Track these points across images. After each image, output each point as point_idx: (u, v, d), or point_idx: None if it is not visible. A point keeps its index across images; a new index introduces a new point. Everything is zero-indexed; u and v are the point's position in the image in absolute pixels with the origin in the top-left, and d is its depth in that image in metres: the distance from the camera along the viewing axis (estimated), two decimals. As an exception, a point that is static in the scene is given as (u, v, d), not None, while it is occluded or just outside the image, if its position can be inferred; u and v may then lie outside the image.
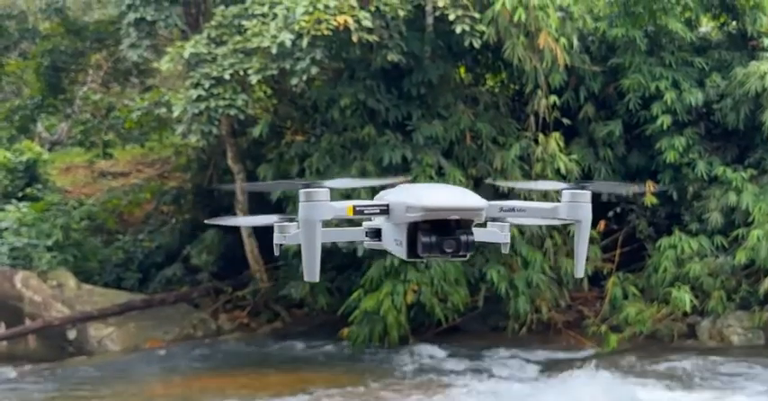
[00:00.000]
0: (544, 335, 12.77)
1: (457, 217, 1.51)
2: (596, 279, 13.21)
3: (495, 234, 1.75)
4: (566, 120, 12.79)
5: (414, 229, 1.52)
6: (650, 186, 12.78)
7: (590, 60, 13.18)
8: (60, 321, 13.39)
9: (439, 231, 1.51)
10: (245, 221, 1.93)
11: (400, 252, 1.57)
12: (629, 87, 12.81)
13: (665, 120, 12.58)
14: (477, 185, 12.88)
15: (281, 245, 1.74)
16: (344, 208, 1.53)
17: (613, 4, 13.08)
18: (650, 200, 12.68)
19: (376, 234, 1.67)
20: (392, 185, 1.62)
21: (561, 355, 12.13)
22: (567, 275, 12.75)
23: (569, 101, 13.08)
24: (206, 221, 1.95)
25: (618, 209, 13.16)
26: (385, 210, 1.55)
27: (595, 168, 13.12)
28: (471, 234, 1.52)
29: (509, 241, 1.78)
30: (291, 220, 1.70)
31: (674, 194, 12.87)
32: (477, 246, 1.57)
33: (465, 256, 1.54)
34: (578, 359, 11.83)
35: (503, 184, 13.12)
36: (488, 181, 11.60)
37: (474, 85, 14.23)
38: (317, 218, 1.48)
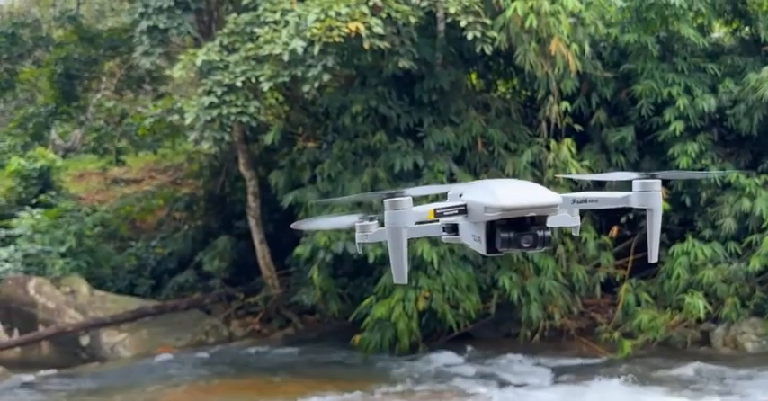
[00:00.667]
0: (556, 342, 12.72)
1: (533, 214, 1.57)
2: (609, 285, 13.15)
3: (566, 219, 1.81)
4: (578, 127, 12.76)
5: (492, 226, 1.59)
6: (662, 192, 12.71)
7: (602, 66, 13.15)
8: (73, 327, 13.44)
9: (516, 227, 1.58)
10: (326, 223, 1.92)
11: (479, 247, 1.64)
12: (641, 93, 12.78)
13: (678, 126, 12.53)
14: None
15: (362, 243, 1.78)
16: (426, 212, 1.61)
17: (625, 10, 13.05)
18: (663, 206, 12.61)
19: (453, 229, 1.74)
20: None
21: (574, 362, 12.08)
22: (580, 282, 12.71)
23: (581, 107, 13.06)
24: (292, 226, 1.93)
25: (630, 215, 13.10)
26: (463, 211, 1.61)
27: (608, 174, 13.07)
28: (547, 229, 1.60)
29: (579, 224, 1.85)
30: (372, 220, 1.74)
31: (687, 200, 12.81)
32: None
33: (540, 249, 1.62)
34: (591, 366, 11.77)
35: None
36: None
37: (486, 92, 14.23)
38: (403, 224, 1.55)
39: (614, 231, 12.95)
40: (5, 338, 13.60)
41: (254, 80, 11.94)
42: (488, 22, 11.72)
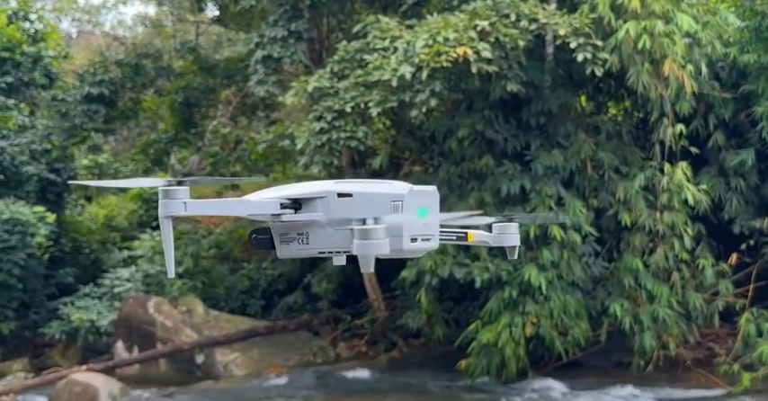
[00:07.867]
0: (672, 373, 12.23)
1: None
2: (728, 315, 12.57)
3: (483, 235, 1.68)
4: (694, 149, 12.34)
5: None
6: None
7: (720, 87, 12.70)
8: (189, 346, 13.92)
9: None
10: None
11: None
12: (762, 115, 12.24)
13: (803, 149, 11.94)
14: (599, 217, 12.59)
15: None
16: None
17: (744, 29, 12.58)
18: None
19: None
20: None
21: (690, 394, 11.58)
22: (696, 310, 12.20)
23: (698, 129, 12.63)
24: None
25: (751, 242, 12.51)
26: None
27: (726, 198, 12.55)
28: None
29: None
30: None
31: (814, 226, 12.14)
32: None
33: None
34: (708, 398, 11.26)
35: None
36: None
37: (596, 114, 13.96)
38: (171, 213, 1.47)
39: (733, 258, 12.40)
40: (126, 355, 14.22)
41: (362, 105, 12.16)
42: (599, 43, 11.54)
